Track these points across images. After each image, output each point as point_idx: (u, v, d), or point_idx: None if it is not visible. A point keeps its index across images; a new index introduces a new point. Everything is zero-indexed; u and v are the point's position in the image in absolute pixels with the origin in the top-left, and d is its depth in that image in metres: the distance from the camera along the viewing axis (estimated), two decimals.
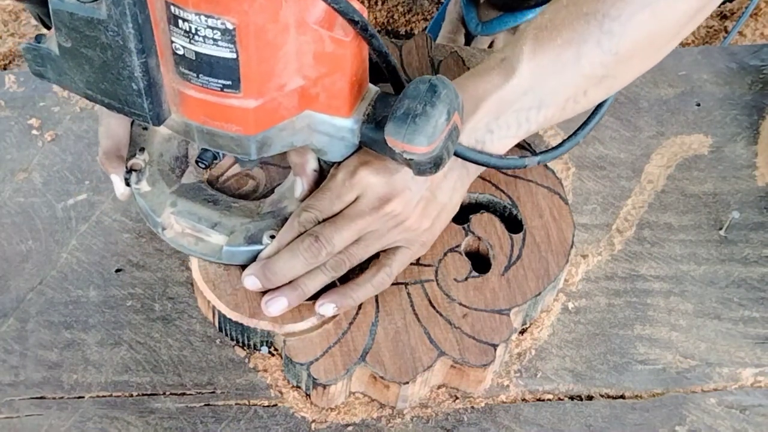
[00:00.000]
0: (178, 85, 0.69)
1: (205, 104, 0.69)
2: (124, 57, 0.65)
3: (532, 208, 0.91)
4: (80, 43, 0.66)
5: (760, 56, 1.08)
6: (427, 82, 0.71)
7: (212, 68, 0.67)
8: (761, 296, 0.93)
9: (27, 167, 0.97)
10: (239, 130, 0.71)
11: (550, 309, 0.91)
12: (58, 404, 0.85)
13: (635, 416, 0.86)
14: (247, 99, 0.68)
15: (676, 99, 1.05)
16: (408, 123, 0.70)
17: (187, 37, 0.65)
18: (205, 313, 0.89)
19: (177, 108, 0.71)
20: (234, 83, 0.67)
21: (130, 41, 0.64)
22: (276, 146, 0.74)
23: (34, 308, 0.89)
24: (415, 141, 0.71)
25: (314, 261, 0.79)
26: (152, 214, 0.83)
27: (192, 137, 0.73)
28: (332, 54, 0.69)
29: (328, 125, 0.74)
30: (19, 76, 1.03)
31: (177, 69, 0.68)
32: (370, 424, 0.85)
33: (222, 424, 0.84)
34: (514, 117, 0.81)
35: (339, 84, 0.71)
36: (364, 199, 0.80)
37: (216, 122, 0.71)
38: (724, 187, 0.99)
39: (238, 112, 0.69)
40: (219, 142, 0.72)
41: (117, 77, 0.67)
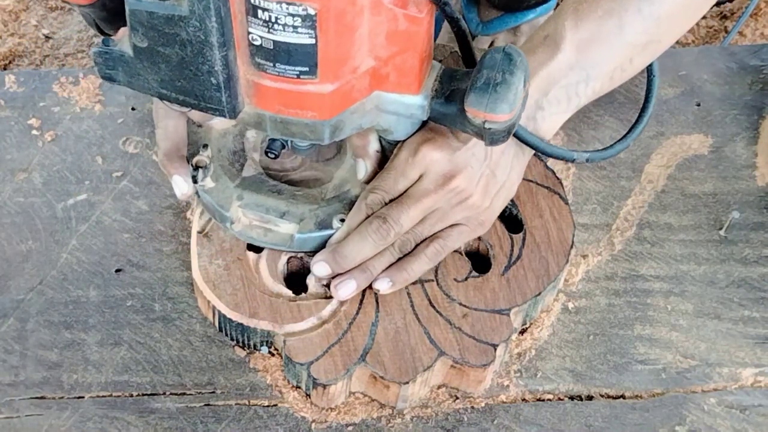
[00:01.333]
0: (252, 76, 0.70)
1: (280, 93, 0.70)
2: (205, 52, 0.66)
3: (532, 208, 0.91)
4: (158, 41, 0.67)
5: (760, 56, 1.08)
6: (501, 51, 0.72)
7: (290, 56, 0.67)
8: (761, 296, 0.93)
9: (27, 167, 0.97)
10: (314, 116, 0.72)
11: (550, 309, 0.91)
12: (58, 404, 0.85)
13: (635, 416, 0.86)
14: (324, 84, 0.69)
15: (676, 99, 1.05)
16: (489, 92, 0.71)
17: (266, 27, 0.66)
18: (205, 313, 0.89)
19: (250, 99, 0.72)
20: (311, 69, 0.68)
21: (213, 35, 0.65)
22: (347, 129, 0.75)
23: (34, 308, 0.89)
24: (498, 109, 0.71)
25: (383, 243, 0.81)
26: (220, 209, 0.83)
27: (264, 128, 0.74)
28: (405, 32, 0.70)
29: (397, 104, 0.75)
30: (19, 76, 1.03)
31: (253, 60, 0.69)
32: (370, 424, 0.85)
33: (222, 424, 0.84)
34: (563, 92, 0.82)
35: (410, 62, 0.72)
36: (429, 176, 0.81)
37: (291, 110, 0.72)
38: (724, 187, 0.99)
39: (314, 98, 0.70)
40: (292, 129, 0.73)
41: (195, 73, 0.68)
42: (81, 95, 1.01)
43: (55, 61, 1.39)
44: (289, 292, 0.85)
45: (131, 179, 0.96)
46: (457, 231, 0.84)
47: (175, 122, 0.84)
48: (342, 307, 0.85)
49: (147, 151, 0.98)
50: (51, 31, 1.42)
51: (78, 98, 1.01)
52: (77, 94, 1.01)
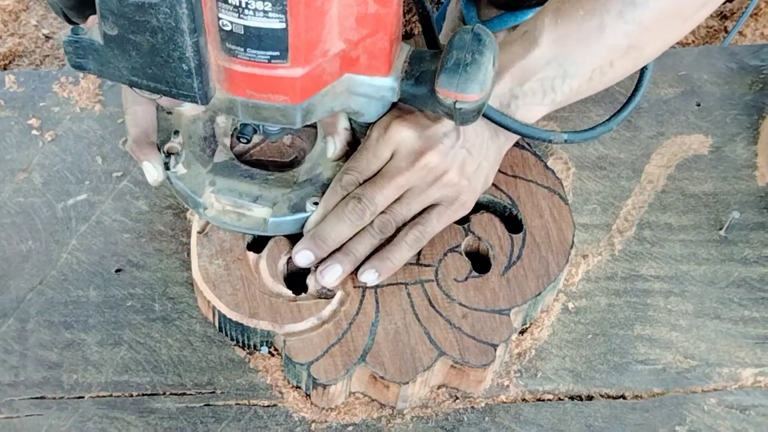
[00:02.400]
0: (223, 62, 0.70)
1: (251, 78, 0.70)
2: (176, 38, 0.66)
3: (532, 208, 0.91)
4: (128, 29, 0.67)
5: (760, 56, 1.08)
6: (470, 32, 0.73)
7: (261, 41, 0.67)
8: (761, 296, 0.93)
9: (27, 167, 0.97)
10: (286, 100, 0.72)
11: (550, 309, 0.91)
12: (58, 404, 0.85)
13: (635, 416, 0.86)
14: (294, 68, 0.69)
15: (676, 99, 1.05)
16: (460, 72, 0.72)
17: (236, 12, 0.66)
18: (205, 313, 0.89)
19: (221, 85, 0.72)
20: (282, 53, 0.68)
21: (183, 22, 0.65)
22: (318, 113, 0.75)
23: (34, 308, 0.89)
24: (469, 89, 0.72)
25: (360, 222, 0.81)
26: (193, 195, 0.84)
27: (236, 113, 0.74)
28: (375, 14, 0.70)
29: (367, 86, 0.76)
30: (19, 76, 1.03)
31: (223, 45, 0.69)
32: (370, 424, 0.85)
33: (222, 424, 0.84)
34: (539, 84, 0.83)
35: (380, 44, 0.72)
36: (400, 153, 0.81)
37: (262, 95, 0.72)
38: (724, 187, 0.99)
39: (285, 82, 0.70)
40: (264, 114, 0.74)
41: (166, 60, 0.68)
42: (81, 95, 1.01)
43: (55, 61, 1.39)
44: (289, 292, 0.85)
45: (131, 179, 0.96)
46: (436, 213, 0.84)
47: (144, 108, 0.84)
48: (342, 307, 0.85)
49: None
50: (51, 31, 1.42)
51: (78, 98, 1.01)
52: (77, 94, 1.01)
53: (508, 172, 0.93)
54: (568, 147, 1.00)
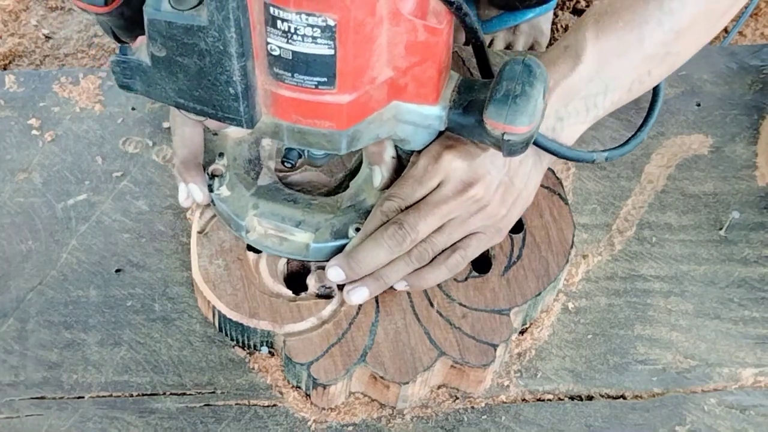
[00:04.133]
0: (270, 86, 0.70)
1: (298, 103, 0.70)
2: (224, 62, 0.66)
3: (532, 208, 0.91)
4: (176, 51, 0.67)
5: (760, 56, 1.08)
6: (521, 63, 0.72)
7: (308, 66, 0.67)
8: (761, 296, 0.93)
9: (27, 167, 0.97)
10: (332, 126, 0.71)
11: (550, 309, 0.91)
12: (58, 404, 0.85)
13: (635, 416, 0.86)
14: (342, 94, 0.69)
15: (676, 99, 1.05)
16: (509, 104, 0.71)
17: (285, 37, 0.66)
18: (205, 313, 0.89)
19: (268, 109, 0.72)
20: (329, 80, 0.68)
21: (231, 45, 0.65)
22: (364, 139, 0.75)
23: (34, 308, 0.89)
24: (517, 121, 0.71)
25: (398, 249, 0.80)
26: (236, 218, 0.83)
27: (281, 137, 0.74)
28: (425, 42, 0.70)
29: (415, 114, 0.75)
30: (19, 76, 1.03)
31: (271, 70, 0.68)
32: (370, 424, 0.85)
33: (222, 424, 0.84)
34: (582, 103, 0.82)
35: (429, 72, 0.72)
36: (448, 184, 0.80)
37: (308, 120, 0.71)
38: (724, 187, 0.99)
39: (332, 108, 0.70)
40: (309, 139, 0.73)
41: (213, 83, 0.68)
42: (81, 95, 1.01)
43: (55, 61, 1.39)
44: (289, 292, 0.85)
45: (131, 179, 0.96)
46: (476, 240, 0.84)
47: (192, 130, 0.84)
48: (342, 307, 0.85)
49: (147, 151, 0.98)
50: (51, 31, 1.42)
51: (78, 98, 1.01)
52: (77, 94, 1.01)
53: None
54: None
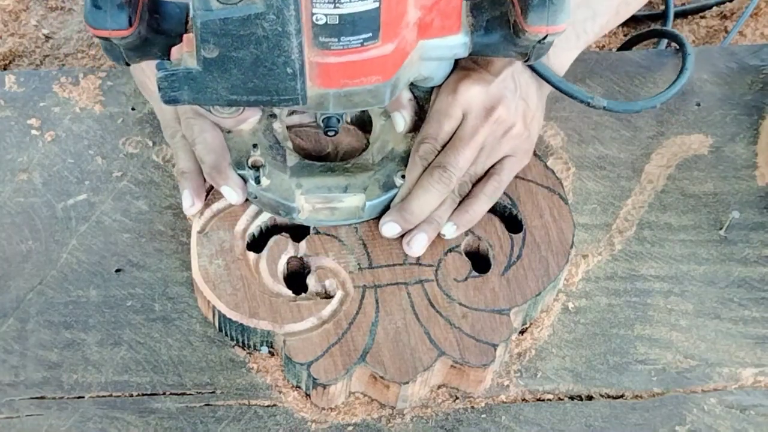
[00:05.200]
0: (315, 57, 0.70)
1: (345, 66, 0.71)
2: (282, 43, 0.67)
3: (532, 208, 0.91)
4: (230, 47, 0.68)
5: (760, 56, 1.08)
6: None
7: (354, 26, 0.68)
8: (761, 296, 0.93)
9: (27, 167, 0.97)
10: (378, 80, 0.73)
11: (550, 309, 0.91)
12: (58, 404, 0.85)
13: (635, 416, 0.86)
14: (385, 45, 0.71)
15: (676, 99, 1.05)
16: (547, 6, 0.72)
17: (332, 3, 0.66)
18: (205, 313, 0.89)
19: (313, 82, 0.72)
20: (374, 33, 0.69)
21: (291, 24, 0.66)
22: (401, 86, 0.77)
23: (34, 308, 0.89)
24: (558, 19, 0.73)
25: (447, 191, 0.82)
26: (285, 201, 0.84)
27: (326, 106, 0.75)
28: None
29: (440, 48, 0.77)
30: (19, 76, 1.03)
31: (316, 41, 0.69)
32: (370, 424, 0.85)
33: (222, 424, 0.84)
34: (571, 29, 0.84)
35: (453, 2, 0.73)
36: (472, 112, 0.82)
37: (356, 80, 0.72)
38: (724, 187, 0.99)
39: (378, 61, 0.71)
40: (355, 100, 0.74)
41: (270, 68, 0.69)
42: (81, 95, 1.01)
43: (55, 61, 1.39)
44: (289, 292, 0.85)
45: (131, 179, 0.96)
46: (508, 163, 0.86)
47: (212, 134, 0.85)
48: (342, 307, 0.85)
49: (147, 151, 0.98)
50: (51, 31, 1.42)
51: (78, 98, 1.01)
52: (77, 94, 1.01)
53: None
54: (567, 147, 1.00)
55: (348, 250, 0.88)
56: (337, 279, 0.86)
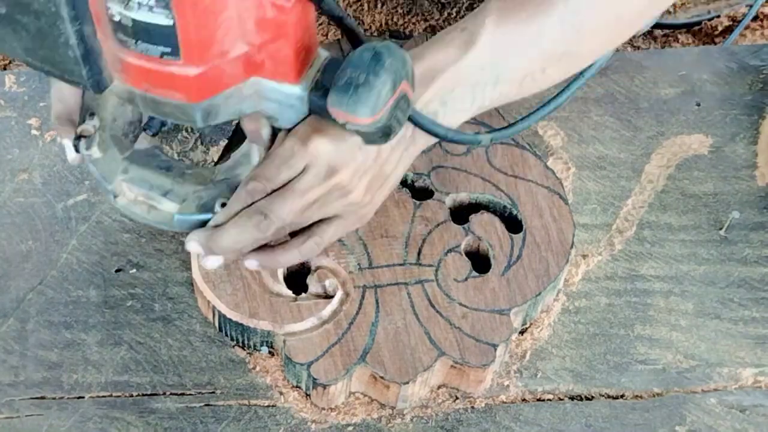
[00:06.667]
0: (118, 52, 0.67)
1: (146, 71, 0.67)
2: (58, 24, 0.63)
3: (532, 208, 0.91)
4: (14, 9, 0.65)
5: (760, 56, 1.08)
6: (371, 50, 0.69)
7: (150, 35, 0.65)
8: (761, 296, 0.93)
9: (27, 167, 0.97)
10: (182, 98, 0.69)
11: (550, 309, 0.91)
12: (58, 404, 0.85)
13: (635, 416, 0.86)
14: (188, 66, 0.66)
15: (676, 99, 1.05)
16: (350, 93, 0.68)
17: (122, 3, 0.63)
18: (205, 313, 0.89)
19: (119, 75, 0.69)
20: (173, 50, 0.65)
21: (62, 8, 0.62)
22: (223, 114, 0.72)
23: (34, 308, 0.89)
24: (358, 112, 0.68)
25: (261, 237, 0.77)
26: (103, 181, 0.80)
27: (137, 104, 0.71)
28: (274, 20, 0.67)
29: (276, 92, 0.72)
30: (20, 76, 1.03)
31: (115, 35, 0.66)
32: (370, 424, 0.85)
33: (222, 424, 0.84)
34: (469, 90, 0.79)
35: (284, 51, 0.69)
36: (313, 168, 0.77)
37: (159, 90, 0.69)
38: (724, 187, 0.99)
39: (180, 79, 0.67)
40: (164, 109, 0.71)
41: (53, 44, 0.65)
42: None
43: None
44: (289, 292, 0.85)
45: None
46: (334, 225, 0.81)
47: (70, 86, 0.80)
48: (342, 307, 0.85)
49: None
50: None
51: None
52: None
53: (508, 172, 0.93)
54: (567, 147, 1.00)
55: (348, 250, 0.88)
56: (337, 279, 0.86)
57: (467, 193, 0.92)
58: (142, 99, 0.70)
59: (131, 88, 0.70)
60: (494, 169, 0.93)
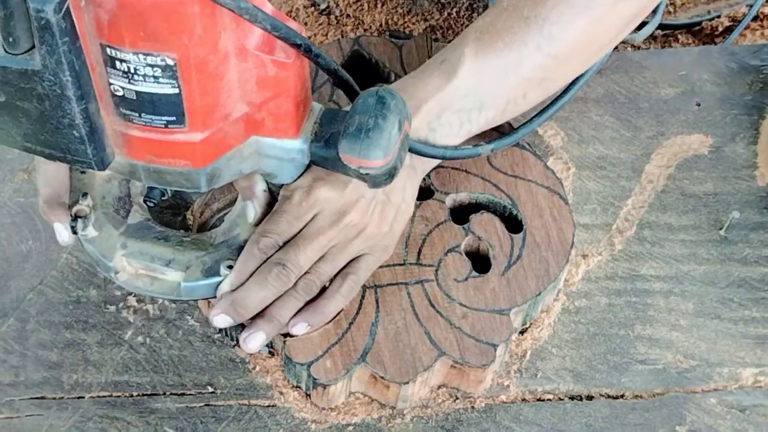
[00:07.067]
0: (120, 127, 0.67)
1: (150, 143, 0.68)
2: (63, 105, 0.63)
3: (532, 208, 0.91)
4: (15, 96, 0.64)
5: (760, 56, 1.08)
6: (375, 95, 0.71)
7: (155, 106, 0.65)
8: (761, 296, 0.93)
9: (27, 167, 0.97)
10: (187, 165, 0.69)
11: (550, 309, 0.91)
12: (58, 404, 0.85)
13: (635, 416, 0.86)
14: (193, 132, 0.67)
15: (676, 99, 1.05)
16: (362, 138, 0.70)
17: (126, 78, 0.64)
18: (205, 314, 0.89)
19: (121, 150, 0.69)
20: (179, 118, 0.66)
21: (69, 89, 0.62)
22: (225, 176, 0.73)
23: (34, 308, 0.89)
24: (371, 155, 0.70)
25: (284, 288, 0.78)
26: (103, 259, 0.80)
27: (138, 177, 0.71)
28: (275, 77, 0.68)
29: (277, 149, 0.73)
30: None
31: (118, 110, 0.66)
32: (370, 424, 0.85)
33: (222, 424, 0.84)
34: (456, 117, 0.82)
35: (284, 106, 0.70)
36: (322, 215, 0.79)
37: (163, 159, 0.69)
38: (724, 187, 0.99)
39: (185, 146, 0.68)
40: (167, 178, 0.71)
41: (57, 126, 0.65)
42: None
43: None
44: None
45: None
46: (364, 262, 0.82)
47: (56, 168, 0.81)
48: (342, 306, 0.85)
49: None
50: None
51: None
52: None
53: (508, 172, 0.93)
54: (567, 147, 1.00)
55: None
56: None
57: (467, 193, 0.92)
58: (145, 170, 0.71)
59: (133, 162, 0.70)
60: (494, 169, 0.93)
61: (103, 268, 0.81)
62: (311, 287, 0.79)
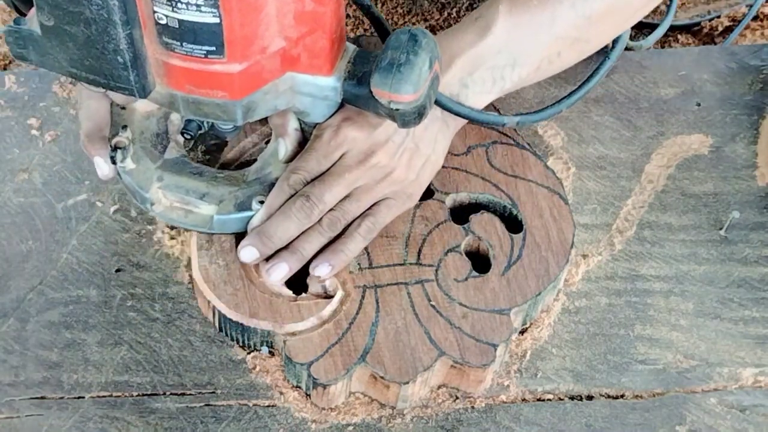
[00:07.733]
0: (161, 56, 0.69)
1: (189, 72, 0.70)
2: (109, 30, 0.65)
3: (532, 208, 0.91)
4: (63, 20, 0.66)
5: (760, 56, 1.08)
6: (407, 33, 0.73)
7: (196, 35, 0.67)
8: (761, 296, 0.93)
9: (27, 167, 0.97)
10: (225, 96, 0.71)
11: (550, 309, 0.91)
12: (58, 404, 0.85)
13: (635, 416, 0.86)
14: (232, 63, 0.69)
15: (676, 99, 1.05)
16: (393, 72, 0.72)
17: (170, 5, 0.66)
18: (205, 313, 0.89)
19: (161, 79, 0.71)
20: (218, 48, 0.68)
21: (115, 13, 0.64)
22: (261, 110, 0.75)
23: (34, 308, 0.89)
24: (402, 89, 0.72)
25: (307, 221, 0.81)
26: (140, 190, 0.83)
27: (177, 108, 0.74)
28: (312, 12, 0.70)
29: (311, 86, 0.75)
30: (20, 76, 1.03)
31: (160, 39, 0.68)
32: (370, 424, 0.85)
33: (222, 424, 0.84)
34: (489, 73, 0.83)
35: (320, 42, 0.72)
36: (350, 154, 0.81)
37: (201, 90, 0.71)
38: (724, 187, 0.99)
39: (223, 77, 0.70)
40: (205, 110, 0.73)
41: (102, 52, 0.67)
42: None
43: None
44: (289, 292, 0.85)
45: None
46: (385, 206, 0.84)
47: (97, 103, 0.84)
48: (342, 307, 0.85)
49: None
50: None
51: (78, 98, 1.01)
52: (77, 94, 1.01)
53: (508, 172, 0.93)
54: (567, 147, 1.00)
55: None
56: (337, 279, 0.86)
57: (467, 193, 0.92)
58: (183, 101, 0.73)
59: (173, 92, 0.72)
60: (494, 169, 0.93)
61: (140, 199, 0.84)
62: (335, 224, 0.82)
